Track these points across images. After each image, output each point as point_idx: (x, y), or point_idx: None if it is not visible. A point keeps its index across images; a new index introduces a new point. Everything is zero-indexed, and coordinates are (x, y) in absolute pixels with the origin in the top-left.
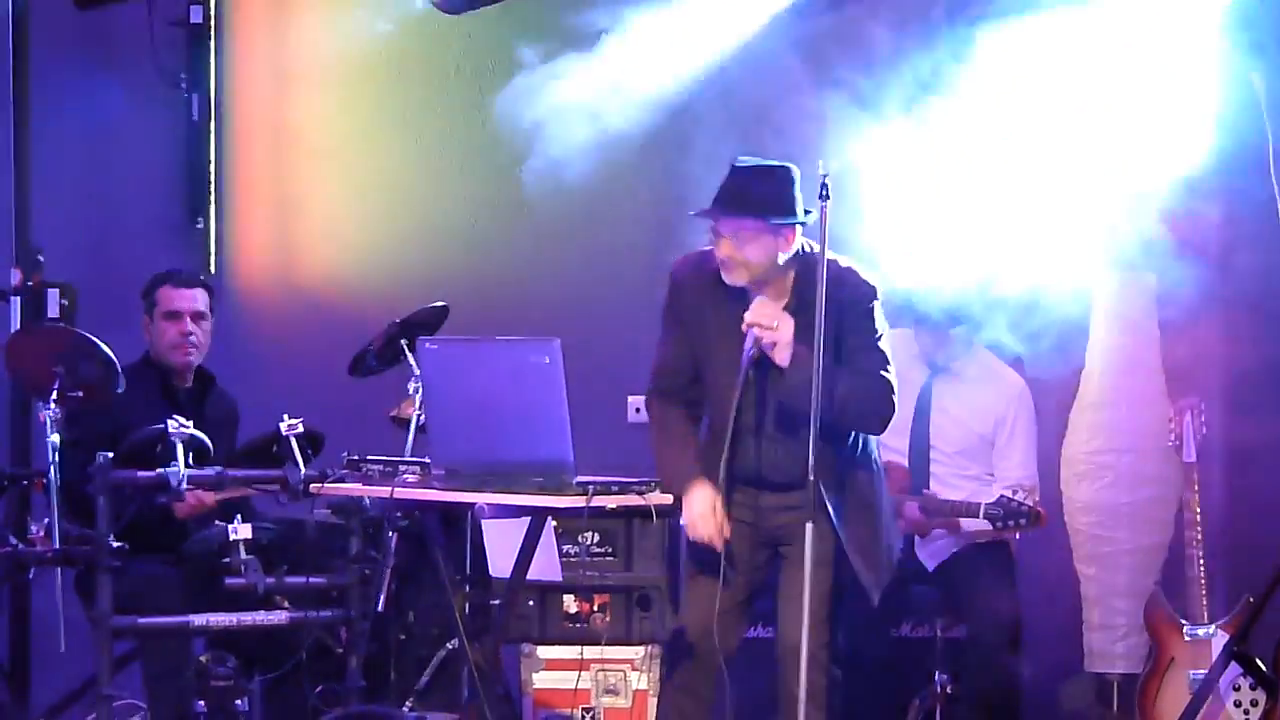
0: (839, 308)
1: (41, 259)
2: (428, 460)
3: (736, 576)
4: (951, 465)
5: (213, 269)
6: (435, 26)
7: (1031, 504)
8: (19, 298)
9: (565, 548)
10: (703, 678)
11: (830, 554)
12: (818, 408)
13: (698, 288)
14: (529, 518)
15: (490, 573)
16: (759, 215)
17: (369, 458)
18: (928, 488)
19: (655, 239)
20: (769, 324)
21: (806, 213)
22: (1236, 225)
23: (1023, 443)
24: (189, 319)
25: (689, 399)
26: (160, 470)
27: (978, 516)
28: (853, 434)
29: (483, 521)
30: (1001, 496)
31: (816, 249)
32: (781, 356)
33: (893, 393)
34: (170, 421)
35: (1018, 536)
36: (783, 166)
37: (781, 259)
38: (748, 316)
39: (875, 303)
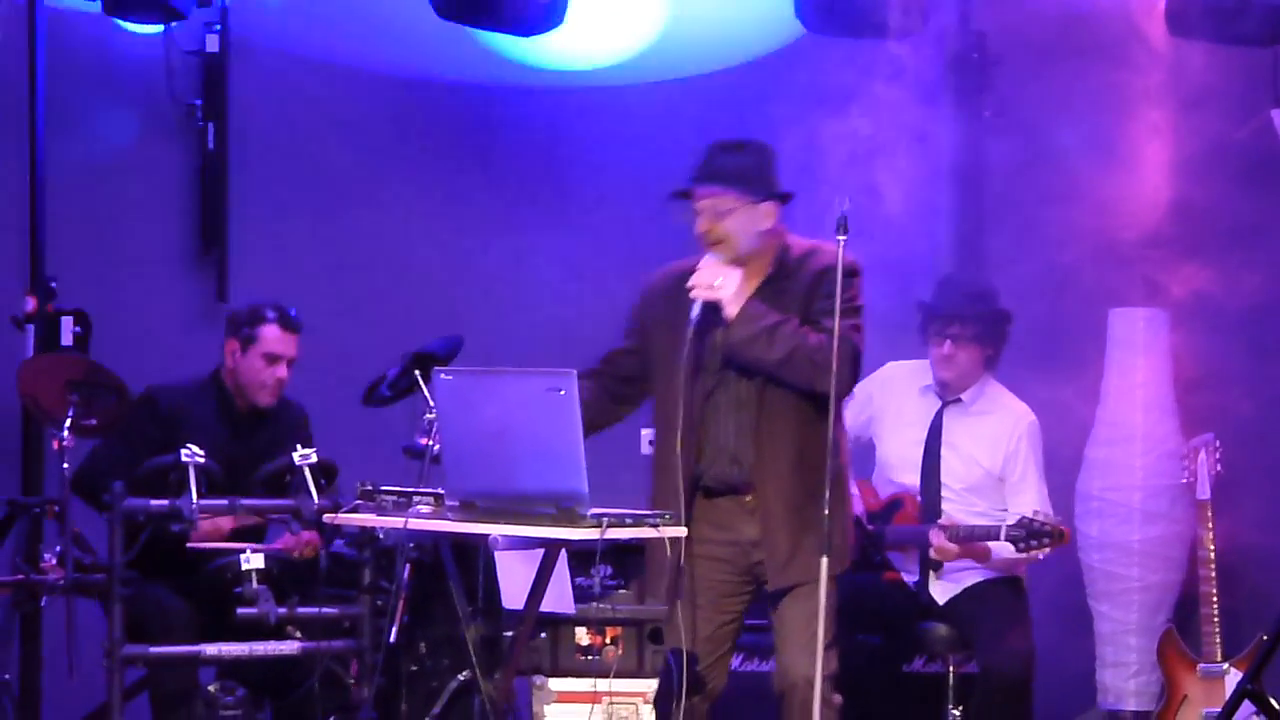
0: (812, 275)
1: (55, 286)
2: (442, 491)
3: (722, 621)
4: (961, 502)
5: (227, 298)
6: (450, 52)
7: (1054, 523)
8: (33, 325)
9: (578, 580)
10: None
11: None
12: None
13: (664, 290)
14: (542, 549)
15: (503, 604)
16: (734, 187)
17: (383, 488)
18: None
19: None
20: (710, 282)
21: (785, 194)
22: (1255, 261)
23: (1035, 479)
24: (285, 364)
25: (611, 388)
26: (172, 500)
27: (999, 539)
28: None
29: (496, 553)
30: (1022, 518)
31: (805, 245)
32: (729, 310)
33: (854, 355)
34: (183, 450)
35: (1041, 557)
36: (757, 142)
37: (759, 236)
38: (691, 280)
39: (854, 275)
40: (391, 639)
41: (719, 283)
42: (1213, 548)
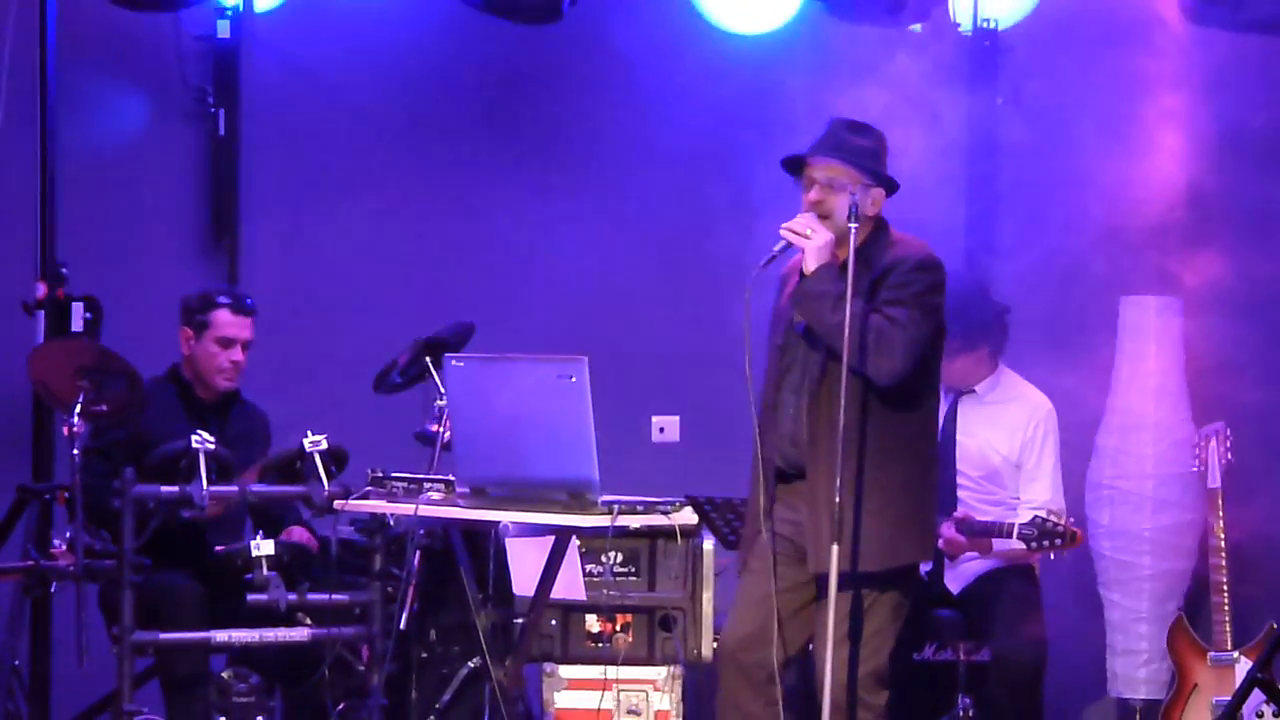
0: (885, 265)
1: (65, 272)
2: (452, 478)
3: (777, 589)
4: (977, 490)
5: (238, 283)
6: (467, 38)
7: (1066, 524)
8: (43, 311)
9: (589, 567)
10: (750, 693)
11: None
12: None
13: (785, 279)
14: (553, 536)
15: (513, 591)
16: (852, 164)
17: (394, 475)
18: (955, 510)
19: (682, 257)
20: (801, 230)
21: (894, 186)
22: (1268, 249)
23: (1050, 467)
24: (240, 348)
25: None
26: (182, 485)
27: (1011, 537)
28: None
29: (506, 540)
30: (1036, 517)
31: (894, 237)
32: (808, 264)
33: (902, 343)
34: (194, 436)
35: (1052, 557)
36: (877, 129)
37: (862, 218)
38: (784, 224)
39: (925, 269)
40: (402, 626)
41: (809, 232)
42: (1223, 536)
